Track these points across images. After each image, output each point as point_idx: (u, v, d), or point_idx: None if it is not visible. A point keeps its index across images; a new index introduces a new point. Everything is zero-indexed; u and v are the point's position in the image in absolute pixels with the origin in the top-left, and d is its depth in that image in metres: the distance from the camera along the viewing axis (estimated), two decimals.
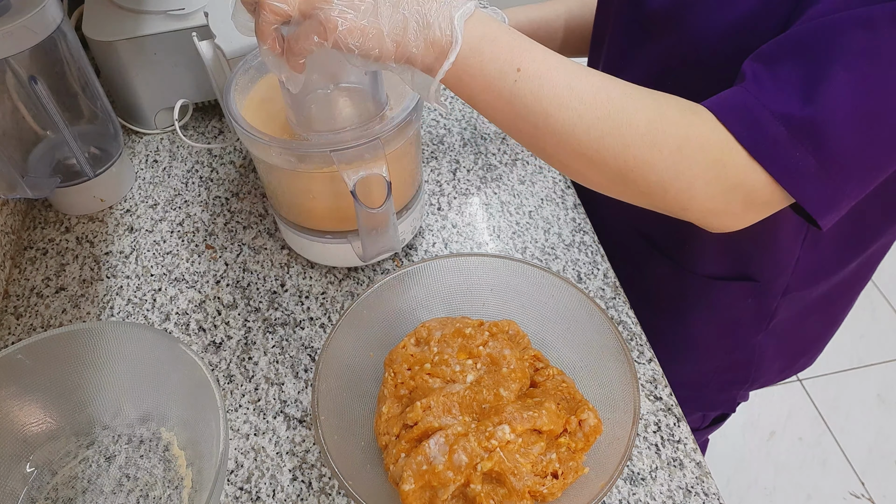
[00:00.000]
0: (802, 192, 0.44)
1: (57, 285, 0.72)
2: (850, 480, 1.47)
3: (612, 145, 0.45)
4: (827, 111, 0.42)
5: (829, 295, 0.72)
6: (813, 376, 1.64)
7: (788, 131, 0.43)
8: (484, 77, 0.45)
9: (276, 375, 0.64)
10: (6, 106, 0.70)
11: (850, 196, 0.45)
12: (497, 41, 0.44)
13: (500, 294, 0.62)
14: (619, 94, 0.45)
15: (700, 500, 0.56)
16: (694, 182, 0.45)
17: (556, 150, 0.46)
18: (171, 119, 0.87)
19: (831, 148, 0.43)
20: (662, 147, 0.44)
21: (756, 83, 0.45)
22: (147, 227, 0.77)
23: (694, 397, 0.84)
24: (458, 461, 0.48)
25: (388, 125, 0.57)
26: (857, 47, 0.41)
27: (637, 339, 0.66)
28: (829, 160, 0.43)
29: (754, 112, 0.44)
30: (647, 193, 0.47)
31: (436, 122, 0.88)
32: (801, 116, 0.43)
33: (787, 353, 0.80)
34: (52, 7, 0.65)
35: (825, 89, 0.42)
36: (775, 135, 0.43)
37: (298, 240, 0.69)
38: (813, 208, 0.45)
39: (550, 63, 0.45)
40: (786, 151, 0.43)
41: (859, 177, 0.45)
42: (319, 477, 0.58)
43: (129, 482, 0.57)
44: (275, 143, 0.57)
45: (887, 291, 1.78)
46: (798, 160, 0.43)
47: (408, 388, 0.55)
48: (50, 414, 0.57)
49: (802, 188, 0.44)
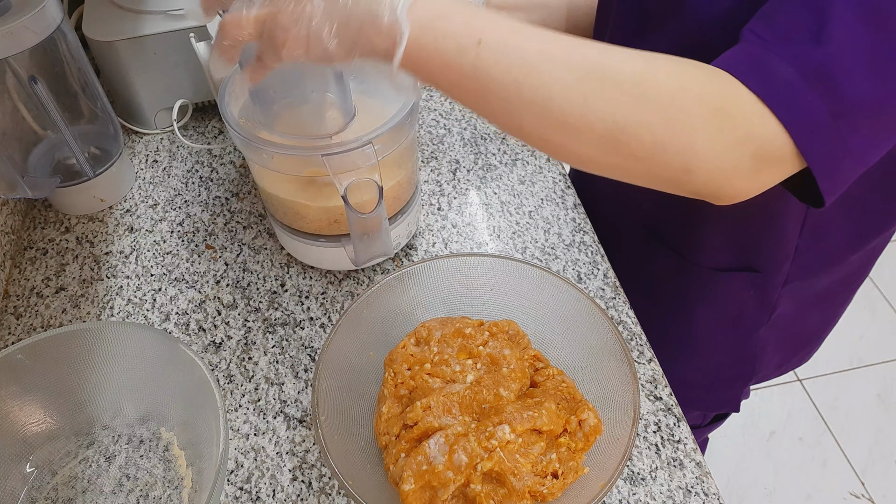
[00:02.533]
0: (810, 144, 0.41)
1: (57, 285, 0.72)
2: (850, 480, 1.47)
3: (596, 108, 0.41)
4: (839, 51, 0.40)
5: (828, 289, 0.72)
6: (813, 376, 1.64)
7: (800, 74, 0.40)
8: (441, 56, 0.42)
9: (276, 375, 0.64)
10: (6, 106, 0.70)
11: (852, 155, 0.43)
12: (450, 17, 0.42)
13: (500, 294, 0.62)
14: (596, 52, 0.42)
15: (700, 500, 0.56)
16: (695, 137, 0.41)
17: (535, 123, 0.43)
18: (171, 119, 0.87)
19: (844, 91, 0.40)
20: (654, 100, 0.41)
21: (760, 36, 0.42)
22: (147, 227, 0.77)
23: (699, 396, 0.84)
24: (458, 461, 0.48)
25: (381, 129, 0.57)
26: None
27: (637, 339, 0.66)
28: (840, 105, 0.41)
29: (763, 58, 0.41)
30: (644, 158, 0.42)
31: (435, 122, 0.88)
32: (813, 58, 0.40)
33: (786, 348, 0.80)
34: (52, 7, 0.65)
35: (833, 30, 0.40)
36: (787, 78, 0.40)
37: (294, 243, 0.68)
38: (818, 165, 0.42)
39: (516, 29, 0.42)
40: (798, 94, 0.40)
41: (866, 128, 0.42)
42: (319, 477, 0.58)
43: (129, 482, 0.57)
44: (267, 146, 0.57)
45: (887, 291, 1.78)
46: (810, 105, 0.40)
47: (408, 388, 0.55)
48: (50, 414, 0.57)
49: (811, 139, 0.41)
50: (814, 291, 0.72)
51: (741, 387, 0.84)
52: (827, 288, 0.72)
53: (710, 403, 0.88)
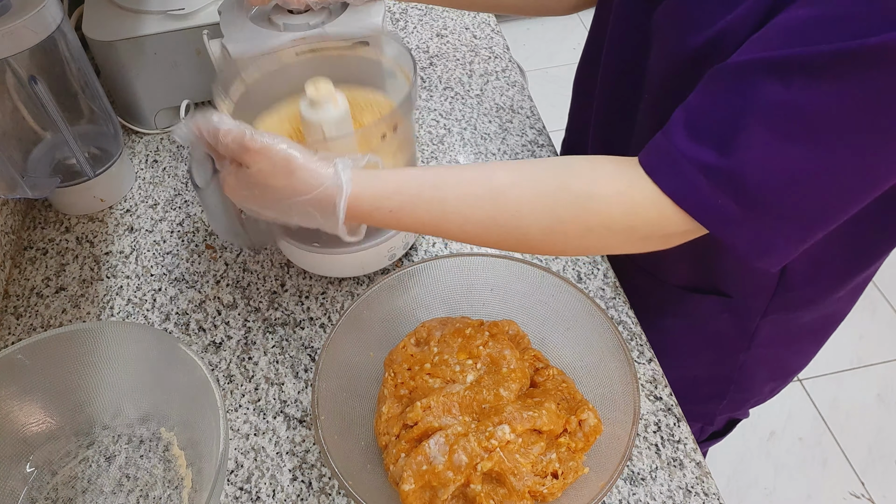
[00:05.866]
0: (731, 237, 0.45)
1: (57, 285, 0.72)
2: (850, 480, 1.47)
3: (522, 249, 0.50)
4: (744, 164, 0.42)
5: (817, 321, 0.73)
6: (813, 376, 1.64)
7: (707, 178, 0.44)
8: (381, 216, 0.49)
9: (276, 375, 0.64)
10: (6, 106, 0.70)
11: (787, 237, 0.45)
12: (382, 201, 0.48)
13: (500, 294, 0.62)
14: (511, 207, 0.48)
15: (700, 500, 0.56)
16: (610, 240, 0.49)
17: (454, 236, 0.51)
18: (171, 119, 0.87)
19: (751, 193, 0.43)
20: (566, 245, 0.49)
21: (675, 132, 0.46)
22: (147, 227, 0.77)
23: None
24: (458, 461, 0.48)
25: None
26: (772, 99, 0.41)
27: (637, 339, 0.66)
28: (751, 206, 0.43)
29: (676, 160, 0.45)
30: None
31: (435, 122, 0.88)
32: (717, 166, 0.43)
33: (777, 376, 0.81)
34: (52, 7, 0.65)
35: (740, 138, 0.42)
36: (696, 181, 0.44)
37: (289, 247, 0.68)
38: (749, 255, 0.46)
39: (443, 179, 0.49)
40: (707, 197, 0.44)
41: (797, 223, 0.45)
42: (319, 477, 0.58)
43: (129, 482, 0.57)
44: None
45: (887, 291, 1.78)
46: (721, 206, 0.44)
47: (408, 388, 0.55)
48: (50, 414, 0.57)
49: (730, 232, 0.45)
50: (800, 324, 0.72)
51: (716, 404, 0.84)
52: (815, 321, 0.72)
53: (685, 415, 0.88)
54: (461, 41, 0.99)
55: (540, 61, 2.37)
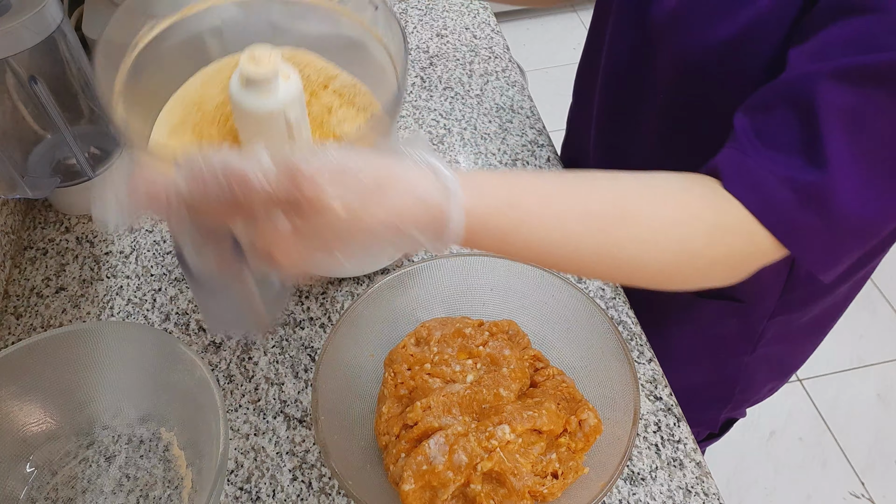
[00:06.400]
0: (808, 253, 0.45)
1: (57, 285, 0.72)
2: (850, 480, 1.47)
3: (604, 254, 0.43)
4: (833, 175, 0.42)
5: (817, 317, 0.73)
6: (813, 376, 1.64)
7: (795, 195, 0.42)
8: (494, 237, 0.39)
9: (276, 375, 0.64)
10: (6, 106, 0.70)
11: (851, 251, 0.46)
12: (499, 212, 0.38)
13: (500, 294, 0.62)
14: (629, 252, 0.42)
15: (700, 500, 0.56)
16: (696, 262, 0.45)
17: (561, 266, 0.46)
18: None
19: (838, 209, 0.42)
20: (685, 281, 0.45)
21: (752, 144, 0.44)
22: (147, 227, 0.77)
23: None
24: (458, 461, 0.48)
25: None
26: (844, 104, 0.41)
27: (637, 339, 0.66)
28: (834, 221, 0.43)
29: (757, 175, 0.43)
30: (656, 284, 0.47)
31: (435, 122, 0.88)
32: (805, 181, 0.42)
33: (776, 375, 0.81)
34: (52, 7, 0.65)
35: (826, 151, 0.41)
36: (782, 198, 0.42)
37: None
38: (817, 267, 0.46)
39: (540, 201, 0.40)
40: (794, 213, 0.43)
41: (862, 233, 0.45)
42: (319, 477, 0.58)
43: (129, 482, 0.57)
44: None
45: (887, 291, 1.78)
46: (804, 222, 0.43)
47: (408, 388, 0.55)
48: (50, 414, 0.57)
49: (808, 248, 0.44)
50: (802, 322, 0.72)
51: (718, 409, 0.84)
52: (816, 317, 0.72)
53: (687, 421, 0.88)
54: (461, 41, 0.99)
55: (540, 61, 2.36)
